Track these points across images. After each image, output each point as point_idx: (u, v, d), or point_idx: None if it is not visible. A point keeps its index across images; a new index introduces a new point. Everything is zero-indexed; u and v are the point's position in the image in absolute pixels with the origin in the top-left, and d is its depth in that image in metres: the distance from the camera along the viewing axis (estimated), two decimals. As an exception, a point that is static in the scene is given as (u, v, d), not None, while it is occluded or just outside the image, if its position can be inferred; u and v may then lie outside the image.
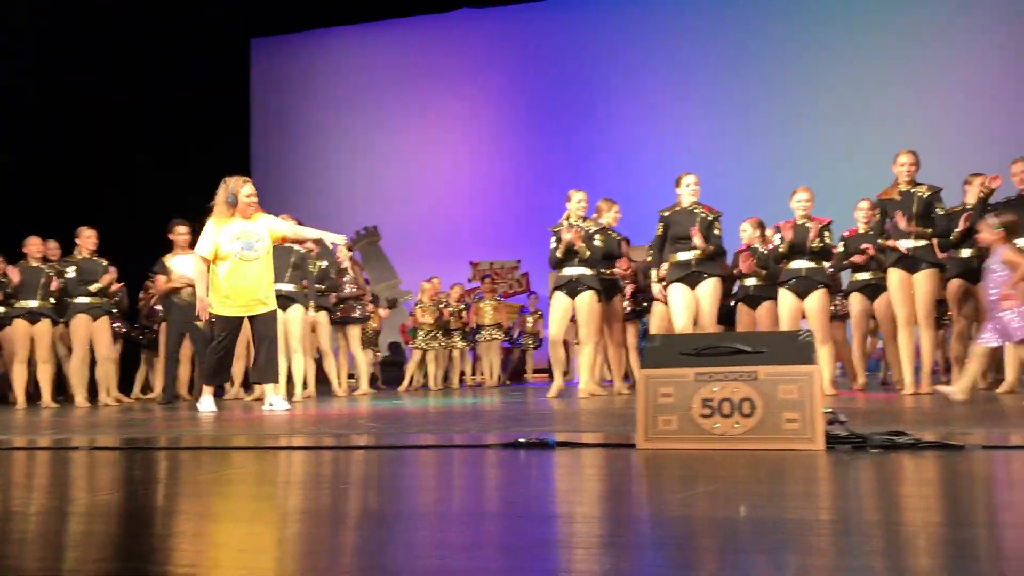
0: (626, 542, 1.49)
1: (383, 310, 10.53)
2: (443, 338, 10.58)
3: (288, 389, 7.53)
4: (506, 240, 14.65)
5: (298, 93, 16.24)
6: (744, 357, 2.75)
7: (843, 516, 1.69)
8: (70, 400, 8.08)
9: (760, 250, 7.08)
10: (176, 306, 8.05)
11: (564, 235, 6.79)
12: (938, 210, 5.99)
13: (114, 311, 8.26)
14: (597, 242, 6.89)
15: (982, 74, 12.71)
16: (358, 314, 9.30)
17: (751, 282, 7.08)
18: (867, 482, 2.13)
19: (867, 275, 6.94)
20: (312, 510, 1.91)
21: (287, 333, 7.77)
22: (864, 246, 6.36)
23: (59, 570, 1.35)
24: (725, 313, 7.51)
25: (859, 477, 2.19)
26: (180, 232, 8.15)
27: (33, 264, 7.84)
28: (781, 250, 6.47)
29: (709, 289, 6.50)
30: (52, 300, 7.87)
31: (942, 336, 8.99)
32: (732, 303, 7.46)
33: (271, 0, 15.18)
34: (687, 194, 6.62)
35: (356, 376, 9.42)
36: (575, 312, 6.92)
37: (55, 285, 7.79)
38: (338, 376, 8.97)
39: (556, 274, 7.06)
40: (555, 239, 6.97)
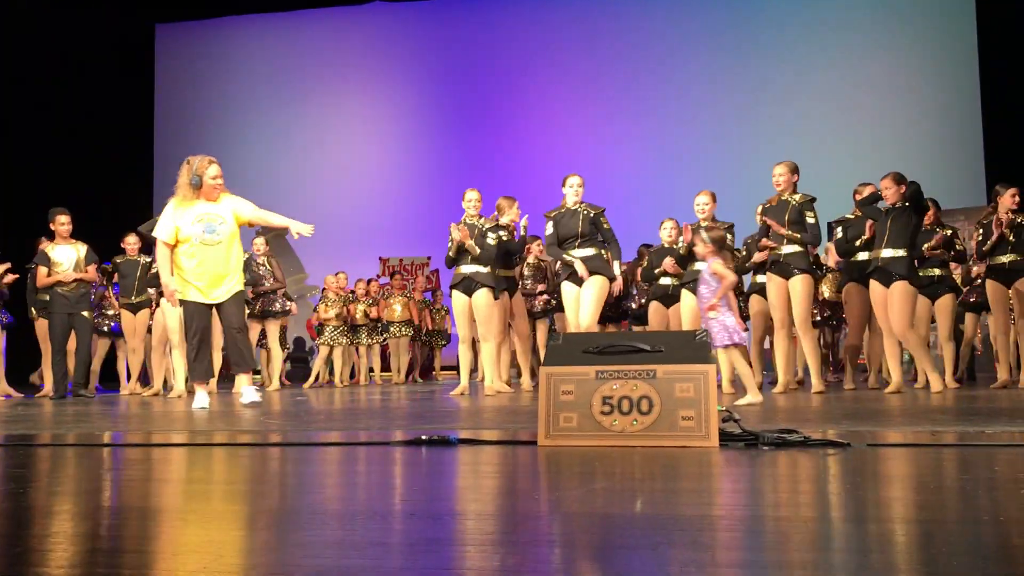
0: (518, 539, 1.50)
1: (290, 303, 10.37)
2: (350, 334, 10.48)
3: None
4: (416, 236, 14.57)
5: (204, 81, 15.83)
6: (644, 356, 2.80)
7: (732, 512, 1.74)
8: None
9: (680, 250, 7.27)
10: (60, 297, 7.80)
11: (454, 234, 6.85)
12: (809, 217, 6.25)
13: None
14: (491, 240, 6.93)
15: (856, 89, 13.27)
16: (278, 308, 9.14)
17: (666, 281, 7.22)
18: (758, 478, 2.19)
19: (764, 277, 7.15)
20: (202, 509, 1.86)
21: (167, 327, 7.62)
22: (763, 242, 6.56)
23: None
24: (639, 311, 7.68)
25: (750, 474, 2.25)
26: (61, 222, 7.91)
27: None
28: (681, 252, 6.65)
29: (593, 287, 6.57)
30: None
31: (838, 337, 9.33)
32: (645, 300, 7.60)
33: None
34: (571, 194, 6.72)
35: (269, 372, 9.26)
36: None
37: None
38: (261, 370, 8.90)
39: (454, 272, 7.12)
40: (451, 238, 7.06)
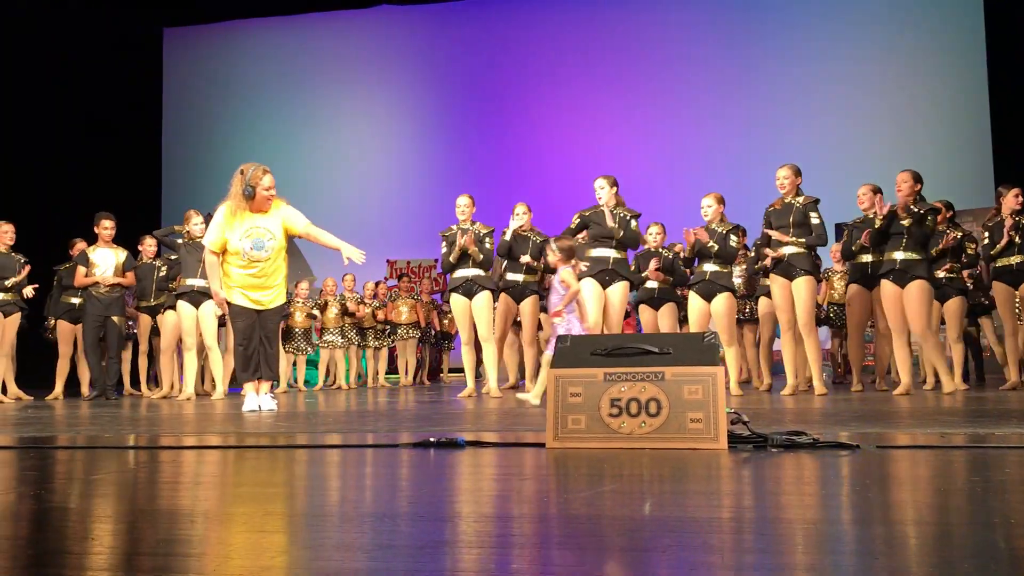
0: (526, 542, 1.49)
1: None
2: (357, 337, 10.50)
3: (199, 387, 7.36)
4: (423, 239, 14.56)
5: (212, 85, 15.86)
6: (652, 358, 2.79)
7: (742, 514, 1.73)
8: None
9: (664, 253, 7.33)
10: (94, 299, 7.95)
11: (460, 241, 6.91)
12: (813, 218, 6.25)
13: (24, 308, 7.99)
14: (488, 245, 7.06)
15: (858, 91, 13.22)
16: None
17: (653, 284, 7.29)
18: (767, 481, 2.19)
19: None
20: (211, 511, 1.87)
21: (202, 330, 7.62)
22: (764, 251, 6.55)
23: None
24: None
25: (759, 476, 2.24)
26: (105, 226, 8.07)
27: None
28: (686, 254, 6.67)
29: (619, 291, 6.57)
30: None
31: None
32: (635, 303, 7.64)
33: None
34: (603, 196, 6.71)
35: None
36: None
37: None
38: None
39: (452, 276, 7.16)
40: (445, 243, 7.10)
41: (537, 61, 14.63)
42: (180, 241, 7.76)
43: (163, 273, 8.29)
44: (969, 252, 7.18)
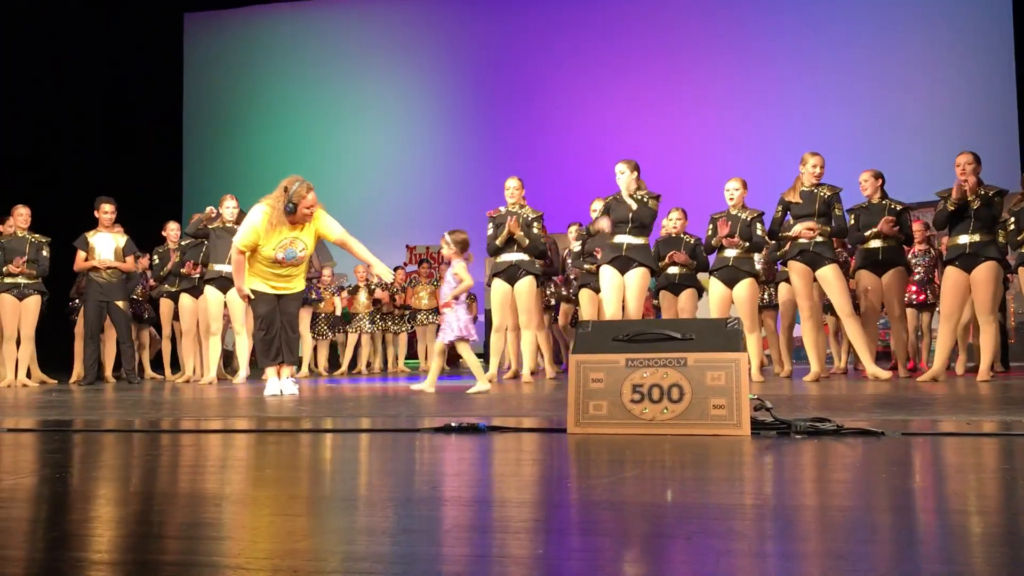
0: (550, 527, 1.49)
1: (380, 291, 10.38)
2: (380, 322, 10.56)
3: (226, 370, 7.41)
4: (443, 224, 14.55)
5: (232, 69, 15.90)
6: (674, 343, 2.78)
7: (767, 501, 1.72)
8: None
9: (686, 239, 7.27)
10: (94, 284, 7.91)
11: (508, 225, 6.82)
12: (836, 209, 6.19)
13: (44, 292, 8.03)
14: (536, 229, 6.97)
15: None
16: (313, 296, 9.56)
17: (674, 270, 7.21)
18: (790, 467, 2.17)
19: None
20: (235, 495, 1.88)
21: (230, 314, 7.71)
22: (796, 230, 6.48)
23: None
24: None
25: (782, 462, 2.23)
26: (105, 210, 8.01)
27: None
28: (713, 242, 6.62)
29: (637, 278, 6.49)
30: None
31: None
32: (656, 289, 7.60)
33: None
34: (624, 182, 6.63)
35: (299, 359, 9.38)
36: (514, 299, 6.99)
37: None
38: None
39: (493, 260, 7.10)
40: (492, 225, 6.99)
41: (560, 45, 14.56)
42: (212, 227, 7.72)
43: (175, 259, 8.30)
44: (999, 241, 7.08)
